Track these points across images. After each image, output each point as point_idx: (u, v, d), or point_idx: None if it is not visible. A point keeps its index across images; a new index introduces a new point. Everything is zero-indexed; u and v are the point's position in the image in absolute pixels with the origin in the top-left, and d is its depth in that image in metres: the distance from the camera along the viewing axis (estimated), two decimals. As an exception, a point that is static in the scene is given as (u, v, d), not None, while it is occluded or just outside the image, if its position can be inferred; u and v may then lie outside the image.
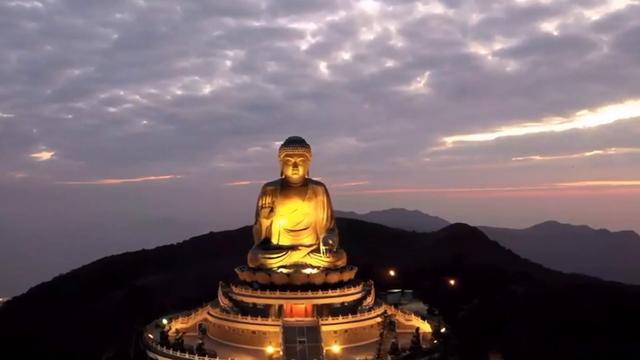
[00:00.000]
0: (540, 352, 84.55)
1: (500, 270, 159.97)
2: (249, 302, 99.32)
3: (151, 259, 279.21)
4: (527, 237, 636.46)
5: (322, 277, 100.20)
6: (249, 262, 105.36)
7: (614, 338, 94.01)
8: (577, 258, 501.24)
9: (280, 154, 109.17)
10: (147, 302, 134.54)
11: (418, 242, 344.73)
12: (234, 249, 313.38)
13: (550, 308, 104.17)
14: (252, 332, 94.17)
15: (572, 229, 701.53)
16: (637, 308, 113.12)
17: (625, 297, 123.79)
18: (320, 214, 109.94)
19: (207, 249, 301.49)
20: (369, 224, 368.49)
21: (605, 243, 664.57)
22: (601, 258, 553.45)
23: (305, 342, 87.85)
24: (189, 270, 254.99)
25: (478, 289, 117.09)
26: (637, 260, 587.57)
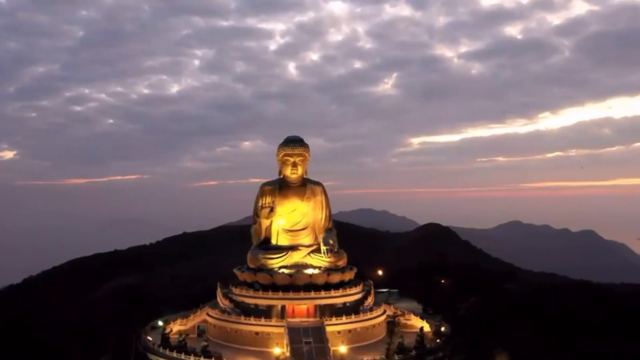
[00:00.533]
0: (544, 350, 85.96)
1: (485, 270, 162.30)
2: (251, 303, 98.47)
3: (124, 260, 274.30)
4: (492, 236, 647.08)
5: (324, 278, 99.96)
6: (249, 263, 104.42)
7: (606, 336, 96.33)
8: (541, 257, 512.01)
9: (279, 154, 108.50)
10: (143, 303, 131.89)
11: (391, 241, 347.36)
12: (208, 249, 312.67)
13: (546, 307, 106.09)
14: (255, 334, 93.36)
15: (535, 229, 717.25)
16: (623, 306, 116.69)
17: (612, 296, 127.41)
18: (319, 214, 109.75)
19: (181, 250, 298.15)
20: (343, 223, 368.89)
21: (566, 242, 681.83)
22: (563, 257, 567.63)
23: (311, 342, 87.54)
24: (163, 271, 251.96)
25: (471, 288, 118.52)
26: (597, 258, 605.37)
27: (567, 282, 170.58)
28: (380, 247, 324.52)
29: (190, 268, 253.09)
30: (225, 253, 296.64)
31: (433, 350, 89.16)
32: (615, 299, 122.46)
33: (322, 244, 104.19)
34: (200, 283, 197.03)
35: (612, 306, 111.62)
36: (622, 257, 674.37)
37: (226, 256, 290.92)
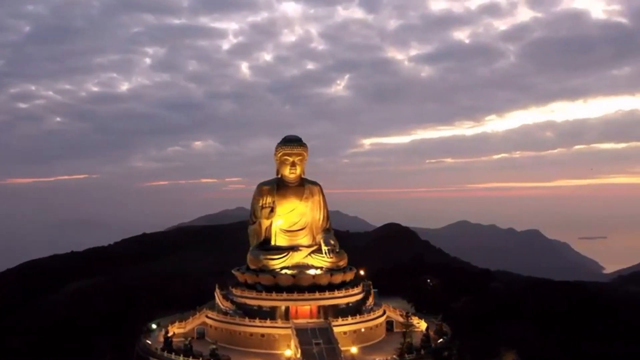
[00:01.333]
0: (548, 348, 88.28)
1: (462, 269, 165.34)
2: (253, 304, 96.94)
3: (83, 261, 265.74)
4: (442, 236, 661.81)
5: (328, 278, 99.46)
6: (250, 264, 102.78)
7: (600, 334, 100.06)
8: (489, 256, 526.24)
9: (278, 153, 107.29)
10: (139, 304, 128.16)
11: (352, 241, 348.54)
12: (171, 250, 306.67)
13: (536, 305, 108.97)
14: (261, 336, 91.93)
15: (482, 228, 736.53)
16: (599, 303, 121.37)
17: (587, 294, 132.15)
18: (317, 214, 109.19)
19: (142, 250, 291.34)
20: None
21: (513, 241, 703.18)
22: (510, 256, 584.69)
23: (321, 343, 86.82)
24: (126, 272, 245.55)
25: (461, 288, 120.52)
26: (542, 257, 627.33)
27: (542, 281, 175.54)
28: (343, 247, 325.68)
29: (155, 269, 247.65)
30: (188, 253, 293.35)
31: (440, 349, 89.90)
32: (600, 297, 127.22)
33: (324, 244, 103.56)
34: (169, 284, 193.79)
35: (597, 304, 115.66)
36: (565, 255, 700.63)
37: (190, 256, 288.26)
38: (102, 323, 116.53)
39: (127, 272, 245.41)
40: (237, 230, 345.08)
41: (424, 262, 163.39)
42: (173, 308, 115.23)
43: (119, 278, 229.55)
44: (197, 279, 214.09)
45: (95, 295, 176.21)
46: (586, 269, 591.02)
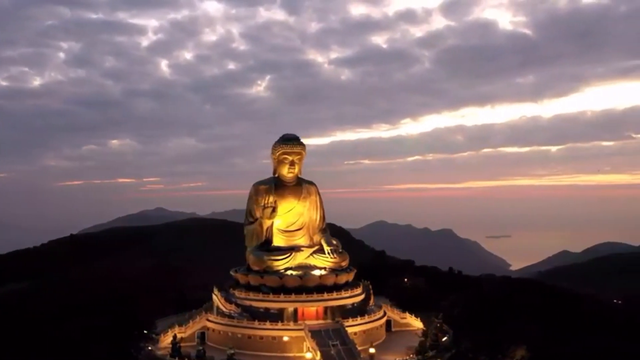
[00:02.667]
0: (553, 344, 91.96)
1: (426, 267, 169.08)
2: (260, 306, 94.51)
3: (7, 265, 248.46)
4: (362, 235, 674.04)
5: (333, 279, 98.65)
6: (253, 265, 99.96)
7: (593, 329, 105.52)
8: (408, 254, 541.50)
9: (276, 152, 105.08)
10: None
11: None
12: (101, 252, 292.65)
13: (521, 302, 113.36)
14: (272, 338, 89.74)
15: (399, 228, 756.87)
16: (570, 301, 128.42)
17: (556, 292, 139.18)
18: (314, 214, 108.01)
19: (71, 252, 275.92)
20: (233, 223, 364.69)
21: (428, 240, 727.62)
22: (427, 254, 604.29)
23: (338, 344, 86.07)
24: (57, 275, 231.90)
25: (447, 286, 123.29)
26: (456, 255, 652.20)
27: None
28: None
29: (88, 272, 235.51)
30: (122, 255, 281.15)
31: (448, 347, 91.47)
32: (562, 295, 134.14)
33: (326, 244, 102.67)
34: (105, 287, 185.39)
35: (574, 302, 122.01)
36: (476, 253, 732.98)
37: (124, 258, 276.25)
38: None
39: (55, 275, 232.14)
40: (170, 231, 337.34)
41: (387, 261, 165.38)
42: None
43: (47, 282, 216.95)
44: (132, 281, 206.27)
45: (29, 299, 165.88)
46: (495, 266, 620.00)
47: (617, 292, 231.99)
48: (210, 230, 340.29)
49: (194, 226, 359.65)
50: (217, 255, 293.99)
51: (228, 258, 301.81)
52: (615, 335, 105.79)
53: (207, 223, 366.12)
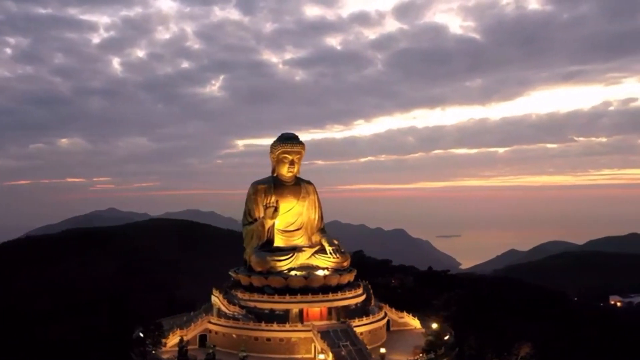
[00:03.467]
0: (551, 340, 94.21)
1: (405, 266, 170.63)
2: (265, 308, 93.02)
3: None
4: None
5: (337, 279, 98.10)
6: (256, 266, 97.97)
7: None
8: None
9: (276, 151, 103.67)
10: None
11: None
12: (59, 254, 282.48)
13: (510, 298, 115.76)
14: (279, 340, 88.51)
15: (353, 228, 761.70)
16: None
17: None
18: (312, 214, 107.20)
19: (26, 255, 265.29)
20: (201, 224, 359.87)
21: (381, 239, 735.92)
22: (382, 254, 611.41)
23: (348, 345, 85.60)
24: (15, 278, 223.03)
25: (429, 285, 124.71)
26: (409, 254, 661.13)
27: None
28: (241, 248, 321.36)
29: (49, 274, 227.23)
30: (81, 258, 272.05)
31: (453, 346, 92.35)
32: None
33: (328, 244, 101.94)
34: (71, 290, 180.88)
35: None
36: (428, 252, 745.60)
37: (84, 261, 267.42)
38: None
39: (13, 278, 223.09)
40: (128, 232, 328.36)
41: (365, 260, 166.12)
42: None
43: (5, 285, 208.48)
44: (99, 283, 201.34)
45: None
46: (446, 265, 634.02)
47: (571, 288, 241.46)
48: (168, 230, 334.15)
49: (151, 227, 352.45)
50: (178, 256, 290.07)
51: (189, 259, 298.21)
52: (602, 329, 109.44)
53: (164, 224, 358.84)
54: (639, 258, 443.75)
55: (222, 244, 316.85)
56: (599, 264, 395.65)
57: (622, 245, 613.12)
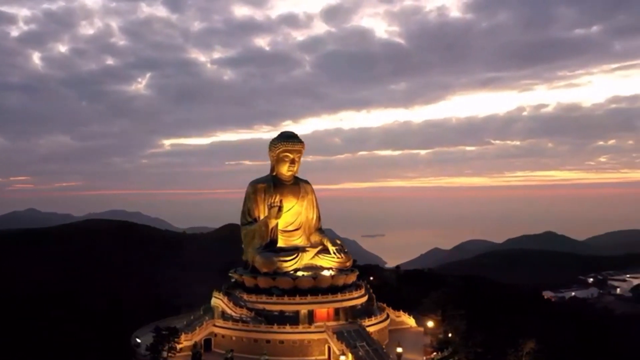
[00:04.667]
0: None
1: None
2: (274, 309, 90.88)
3: None
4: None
5: (344, 279, 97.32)
6: (261, 267, 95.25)
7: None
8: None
9: (276, 150, 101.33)
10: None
11: (190, 242, 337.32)
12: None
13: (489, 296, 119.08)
14: (293, 342, 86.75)
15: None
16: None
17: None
18: (311, 214, 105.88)
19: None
20: (139, 225, 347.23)
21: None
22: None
23: (365, 345, 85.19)
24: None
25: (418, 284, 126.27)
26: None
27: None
28: (184, 248, 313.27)
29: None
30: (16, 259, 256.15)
31: (466, 344, 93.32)
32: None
33: (330, 244, 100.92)
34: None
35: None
36: (355, 252, 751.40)
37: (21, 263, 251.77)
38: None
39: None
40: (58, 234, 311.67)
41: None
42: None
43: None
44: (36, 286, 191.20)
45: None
46: (373, 264, 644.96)
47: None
48: (105, 231, 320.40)
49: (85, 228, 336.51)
50: (121, 257, 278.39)
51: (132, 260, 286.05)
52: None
53: (102, 224, 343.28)
54: (558, 255, 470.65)
55: (163, 245, 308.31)
56: (525, 262, 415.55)
57: (539, 243, 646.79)
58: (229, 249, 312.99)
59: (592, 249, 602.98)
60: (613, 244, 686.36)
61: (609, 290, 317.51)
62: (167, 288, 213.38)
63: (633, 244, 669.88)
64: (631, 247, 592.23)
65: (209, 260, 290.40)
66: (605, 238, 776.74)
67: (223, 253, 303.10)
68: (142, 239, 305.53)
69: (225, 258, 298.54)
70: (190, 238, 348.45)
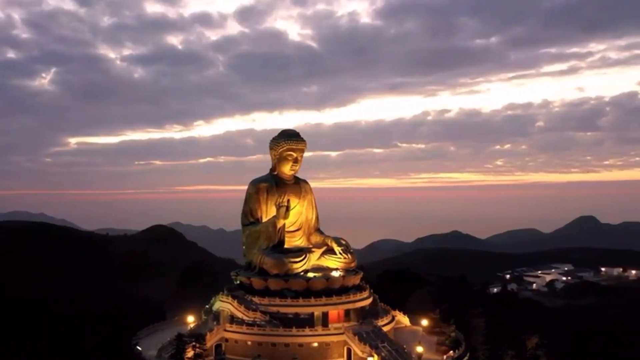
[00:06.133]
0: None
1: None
2: (289, 312, 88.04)
3: None
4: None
5: (353, 280, 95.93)
6: (272, 268, 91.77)
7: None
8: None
9: (279, 148, 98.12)
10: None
11: (114, 244, 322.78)
12: None
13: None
14: (312, 345, 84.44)
15: (195, 229, 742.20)
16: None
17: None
18: (310, 214, 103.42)
19: None
20: (57, 227, 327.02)
21: (224, 240, 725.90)
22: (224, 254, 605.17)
23: (387, 345, 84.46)
24: None
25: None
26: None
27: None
28: (110, 251, 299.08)
29: None
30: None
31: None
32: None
33: (336, 244, 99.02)
34: None
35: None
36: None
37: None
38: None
39: None
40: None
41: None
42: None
43: None
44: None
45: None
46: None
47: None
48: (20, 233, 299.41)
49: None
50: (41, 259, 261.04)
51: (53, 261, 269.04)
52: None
53: (15, 225, 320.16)
54: (471, 252, 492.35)
55: (86, 247, 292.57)
56: (445, 260, 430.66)
57: (447, 242, 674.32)
58: (157, 251, 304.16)
59: (495, 247, 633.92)
60: (513, 242, 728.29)
61: (525, 286, 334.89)
62: (103, 292, 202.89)
63: (531, 241, 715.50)
64: (530, 245, 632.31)
65: (138, 262, 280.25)
66: (506, 236, 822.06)
67: (152, 255, 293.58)
68: (62, 241, 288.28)
69: (154, 259, 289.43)
70: (114, 240, 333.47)
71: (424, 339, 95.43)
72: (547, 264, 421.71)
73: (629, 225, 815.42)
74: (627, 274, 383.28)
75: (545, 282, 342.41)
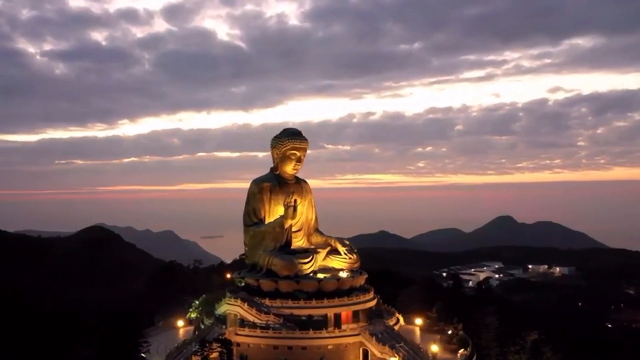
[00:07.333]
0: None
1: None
2: (302, 314, 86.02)
3: None
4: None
5: (360, 280, 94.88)
6: (281, 270, 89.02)
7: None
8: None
9: (282, 147, 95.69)
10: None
11: (52, 247, 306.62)
12: None
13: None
14: (329, 347, 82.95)
15: (119, 230, 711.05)
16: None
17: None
18: (310, 214, 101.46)
19: None
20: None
21: (150, 241, 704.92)
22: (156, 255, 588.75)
23: (403, 345, 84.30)
24: None
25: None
26: (180, 255, 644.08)
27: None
28: (44, 253, 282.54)
29: None
30: None
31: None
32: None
33: (340, 244, 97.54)
34: None
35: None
36: (196, 253, 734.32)
37: None
38: None
39: None
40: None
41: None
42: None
43: None
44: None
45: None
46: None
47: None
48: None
49: None
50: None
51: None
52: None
53: None
54: (404, 252, 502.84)
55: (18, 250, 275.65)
56: (382, 259, 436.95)
57: (375, 242, 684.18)
58: (99, 252, 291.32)
59: (421, 246, 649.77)
60: (437, 241, 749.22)
61: (462, 284, 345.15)
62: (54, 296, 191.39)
63: (453, 241, 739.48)
64: (453, 244, 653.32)
65: (82, 265, 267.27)
66: (429, 236, 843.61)
67: (94, 256, 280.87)
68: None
69: (99, 261, 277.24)
70: (36, 242, 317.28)
71: (423, 338, 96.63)
72: (478, 262, 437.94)
73: (543, 224, 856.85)
74: (552, 271, 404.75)
75: (479, 279, 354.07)
